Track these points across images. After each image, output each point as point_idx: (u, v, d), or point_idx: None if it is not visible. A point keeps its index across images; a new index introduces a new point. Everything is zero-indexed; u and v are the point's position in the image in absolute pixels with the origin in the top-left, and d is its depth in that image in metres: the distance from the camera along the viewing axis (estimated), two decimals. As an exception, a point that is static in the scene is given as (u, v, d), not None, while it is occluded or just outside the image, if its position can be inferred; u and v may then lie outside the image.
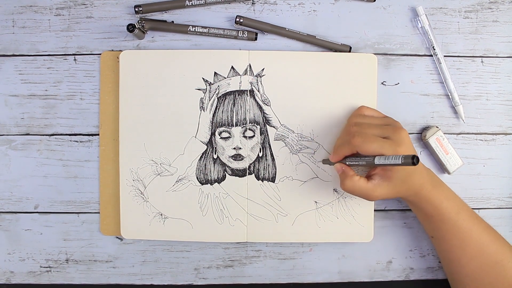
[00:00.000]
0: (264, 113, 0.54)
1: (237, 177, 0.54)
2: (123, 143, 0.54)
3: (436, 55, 0.55)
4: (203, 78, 0.54)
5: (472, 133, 0.56)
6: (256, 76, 0.54)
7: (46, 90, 0.55)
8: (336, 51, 0.55)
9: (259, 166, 0.54)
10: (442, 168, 0.55)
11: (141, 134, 0.54)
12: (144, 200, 0.54)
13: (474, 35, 0.56)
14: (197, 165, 0.54)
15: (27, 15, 0.55)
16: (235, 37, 0.54)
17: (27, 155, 0.55)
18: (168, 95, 0.54)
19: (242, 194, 0.54)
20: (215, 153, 0.54)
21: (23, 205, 0.56)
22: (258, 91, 0.54)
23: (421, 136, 0.55)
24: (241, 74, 0.54)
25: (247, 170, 0.54)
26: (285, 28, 0.54)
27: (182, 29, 0.54)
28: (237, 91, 0.54)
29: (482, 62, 0.56)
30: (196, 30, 0.54)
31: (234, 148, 0.54)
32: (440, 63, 0.55)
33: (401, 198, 0.50)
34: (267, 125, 0.54)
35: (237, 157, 0.54)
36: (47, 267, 0.56)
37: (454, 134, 0.56)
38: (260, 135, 0.54)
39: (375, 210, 0.55)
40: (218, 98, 0.54)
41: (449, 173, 0.55)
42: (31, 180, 0.55)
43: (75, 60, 0.55)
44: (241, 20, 0.53)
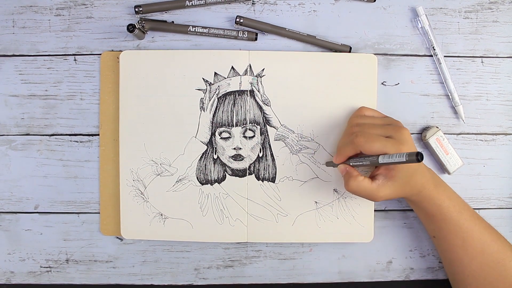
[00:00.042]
0: (264, 113, 0.54)
1: (237, 177, 0.54)
2: (123, 143, 0.54)
3: (436, 55, 0.55)
4: (203, 78, 0.54)
5: (472, 133, 0.56)
6: (256, 76, 0.54)
7: (46, 90, 0.55)
8: (336, 51, 0.55)
9: (259, 166, 0.54)
10: (442, 168, 0.55)
11: (141, 134, 0.54)
12: (144, 200, 0.54)
13: (474, 35, 0.56)
14: (197, 165, 0.54)
15: (27, 15, 0.55)
16: (235, 37, 0.54)
17: (27, 155, 0.55)
18: (168, 95, 0.54)
19: (242, 194, 0.54)
20: (215, 153, 0.54)
21: (23, 205, 0.56)
22: (258, 91, 0.54)
23: (421, 136, 0.55)
24: (241, 74, 0.54)
25: (247, 170, 0.54)
26: (285, 28, 0.54)
27: (182, 29, 0.54)
28: (237, 91, 0.54)
29: (482, 62, 0.56)
30: (196, 30, 0.54)
31: (234, 148, 0.54)
32: (440, 63, 0.55)
33: (403, 198, 0.50)
34: (267, 125, 0.54)
35: (237, 157, 0.54)
36: (47, 267, 0.56)
37: (454, 134, 0.56)
38: (260, 135, 0.54)
39: (375, 210, 0.55)
40: (218, 98, 0.54)
41: (449, 173, 0.55)
42: (31, 180, 0.55)
43: (75, 60, 0.55)
44: (241, 20, 0.53)
